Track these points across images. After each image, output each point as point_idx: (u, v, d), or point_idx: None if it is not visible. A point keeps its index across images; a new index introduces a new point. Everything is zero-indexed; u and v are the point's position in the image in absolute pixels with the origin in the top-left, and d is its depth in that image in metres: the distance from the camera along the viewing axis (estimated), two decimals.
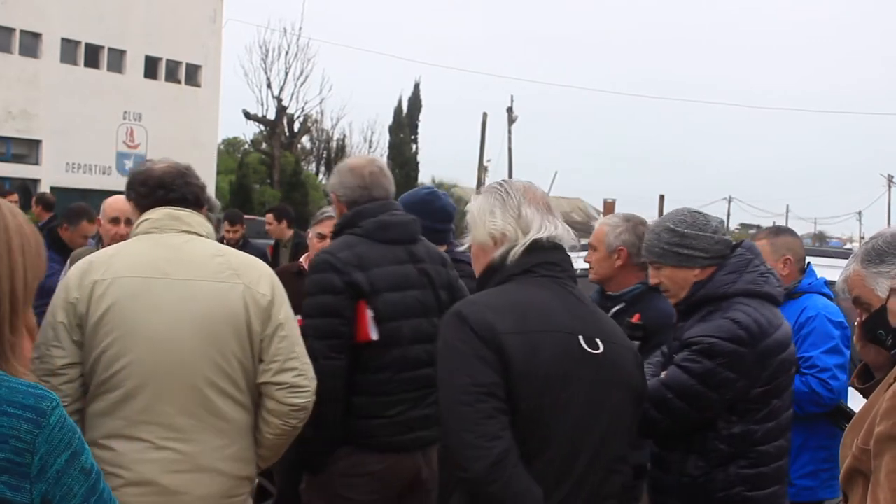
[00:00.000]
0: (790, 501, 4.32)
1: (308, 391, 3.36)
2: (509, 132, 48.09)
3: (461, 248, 3.00)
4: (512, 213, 2.86)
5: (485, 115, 46.26)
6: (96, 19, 32.58)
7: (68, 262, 6.21)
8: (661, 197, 51.53)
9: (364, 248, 3.89)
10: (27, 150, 32.10)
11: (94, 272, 3.23)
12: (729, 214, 66.66)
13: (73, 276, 3.26)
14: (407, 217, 4.09)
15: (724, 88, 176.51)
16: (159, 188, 3.44)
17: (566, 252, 2.90)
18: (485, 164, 45.90)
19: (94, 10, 32.43)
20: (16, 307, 2.00)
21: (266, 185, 40.86)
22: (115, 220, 5.66)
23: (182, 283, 3.26)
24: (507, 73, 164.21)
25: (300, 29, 58.58)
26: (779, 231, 4.88)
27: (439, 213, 4.70)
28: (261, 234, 21.97)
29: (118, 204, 5.60)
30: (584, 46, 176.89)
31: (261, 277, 3.38)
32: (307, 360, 3.40)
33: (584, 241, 4.72)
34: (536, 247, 2.83)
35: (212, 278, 3.30)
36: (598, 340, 2.75)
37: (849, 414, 4.27)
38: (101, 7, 32.63)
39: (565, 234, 2.89)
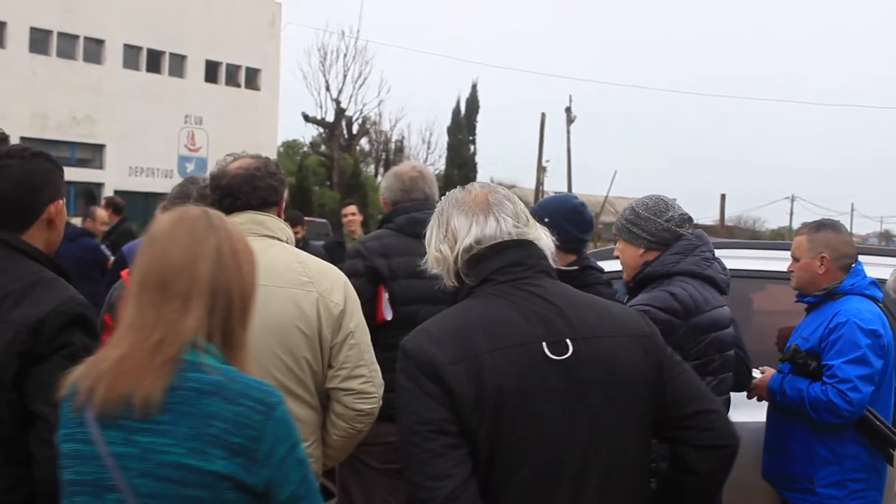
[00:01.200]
0: None
1: (374, 397, 3.45)
2: (568, 132, 47.87)
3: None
4: (442, 229, 2.69)
5: (543, 115, 46.08)
6: (157, 25, 33.03)
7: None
8: (723, 196, 51.13)
9: (392, 240, 4.39)
10: (91, 154, 32.63)
11: None
12: (792, 213, 65.52)
13: None
14: None
15: (788, 85, 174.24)
16: (227, 197, 3.54)
17: (533, 246, 2.65)
18: (543, 164, 45.69)
19: (154, 16, 32.88)
20: (246, 305, 2.31)
21: (325, 187, 41.11)
22: None
23: (261, 288, 3.24)
24: (566, 72, 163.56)
25: (358, 31, 59.06)
26: (820, 227, 4.58)
27: (586, 225, 4.71)
28: (320, 235, 22.16)
29: None
30: (644, 43, 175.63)
31: (334, 287, 3.46)
32: (375, 367, 3.48)
33: None
34: (480, 254, 2.61)
35: (287, 285, 3.38)
36: (567, 342, 2.50)
37: (876, 426, 4.17)
38: (161, 13, 33.07)
39: (510, 229, 2.63)
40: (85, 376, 2.22)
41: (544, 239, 2.70)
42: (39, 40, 31.14)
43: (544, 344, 2.48)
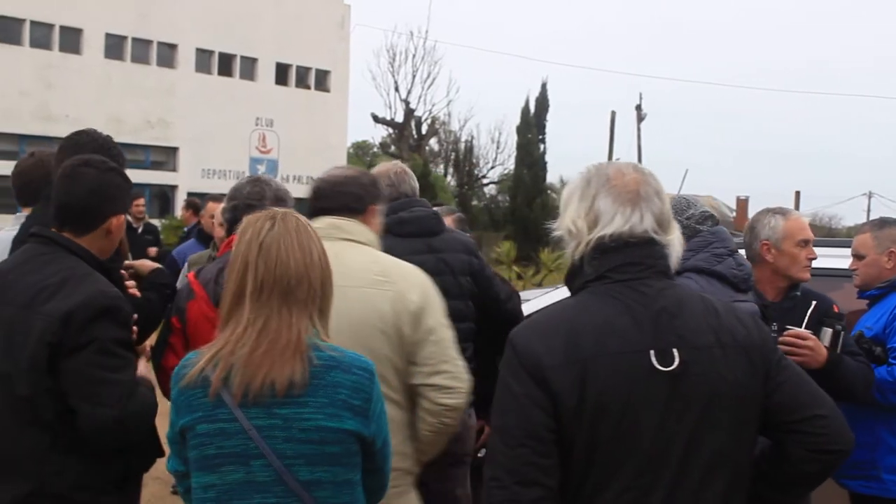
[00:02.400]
0: (881, 497, 4.35)
1: (460, 392, 3.49)
2: (638, 130, 47.45)
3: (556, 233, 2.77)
4: (585, 204, 2.57)
5: (613, 112, 45.73)
6: (228, 29, 33.42)
7: (185, 265, 6.34)
8: (797, 193, 50.21)
9: (388, 242, 4.16)
10: (165, 157, 33.11)
11: None
12: (869, 210, 64.05)
13: None
14: (425, 213, 4.51)
15: (865, 80, 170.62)
16: (314, 200, 3.74)
17: (657, 244, 2.55)
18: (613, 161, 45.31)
19: (225, 20, 33.27)
20: (330, 294, 2.77)
21: None
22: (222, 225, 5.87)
23: (338, 289, 3.34)
24: (636, 69, 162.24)
25: (427, 32, 59.24)
26: (884, 223, 4.67)
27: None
28: None
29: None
30: (716, 38, 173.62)
31: (412, 285, 3.54)
32: (459, 362, 3.53)
33: None
34: (605, 247, 2.52)
35: (365, 285, 3.47)
36: (674, 352, 2.42)
37: None
38: (232, 17, 33.45)
39: (651, 227, 2.54)
40: (209, 367, 2.61)
41: (676, 241, 2.61)
42: (114, 46, 31.67)
43: (652, 353, 2.41)
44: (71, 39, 30.70)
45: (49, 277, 3.18)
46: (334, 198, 3.67)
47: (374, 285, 3.48)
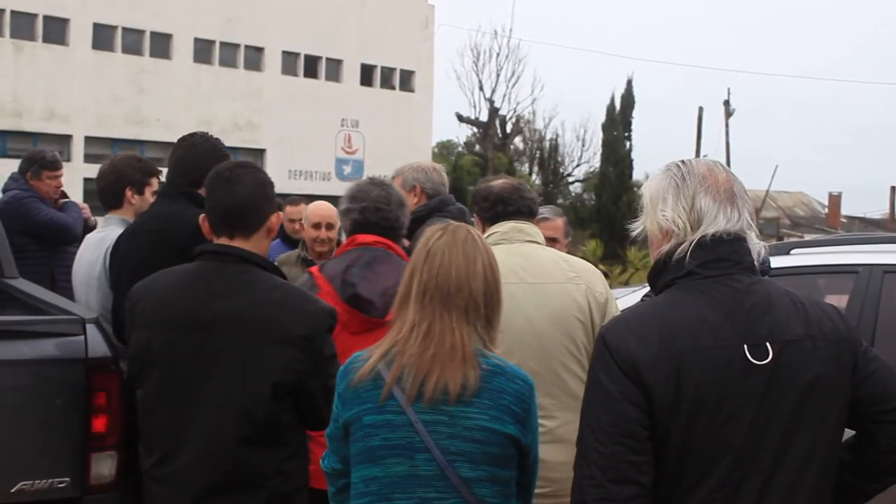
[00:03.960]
0: None
1: None
2: (726, 125, 46.66)
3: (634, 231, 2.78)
4: (685, 203, 2.52)
5: (700, 108, 45.04)
6: (313, 31, 33.75)
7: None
8: (893, 188, 48.89)
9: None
10: (252, 158, 33.53)
11: None
12: None
13: None
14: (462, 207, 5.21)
15: None
16: (499, 203, 4.07)
17: (743, 241, 2.53)
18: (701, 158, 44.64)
19: (311, 23, 33.61)
20: (498, 307, 2.87)
21: None
22: (316, 226, 6.28)
23: (536, 286, 3.90)
24: (723, 64, 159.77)
25: (510, 30, 59.28)
26: None
27: None
28: None
29: (321, 210, 6.06)
30: (807, 31, 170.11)
31: (596, 279, 4.00)
32: None
33: (807, 237, 4.64)
34: (702, 244, 2.49)
35: (560, 281, 3.91)
36: (767, 345, 2.41)
37: None
38: (317, 19, 33.77)
39: (745, 225, 2.54)
40: (381, 364, 2.75)
41: (755, 237, 2.59)
42: (203, 50, 32.24)
43: (745, 347, 2.40)
44: (161, 45, 31.34)
45: (265, 303, 3.27)
46: (518, 203, 4.09)
47: (568, 280, 3.92)
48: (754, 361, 2.39)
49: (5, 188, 7.07)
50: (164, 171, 4.67)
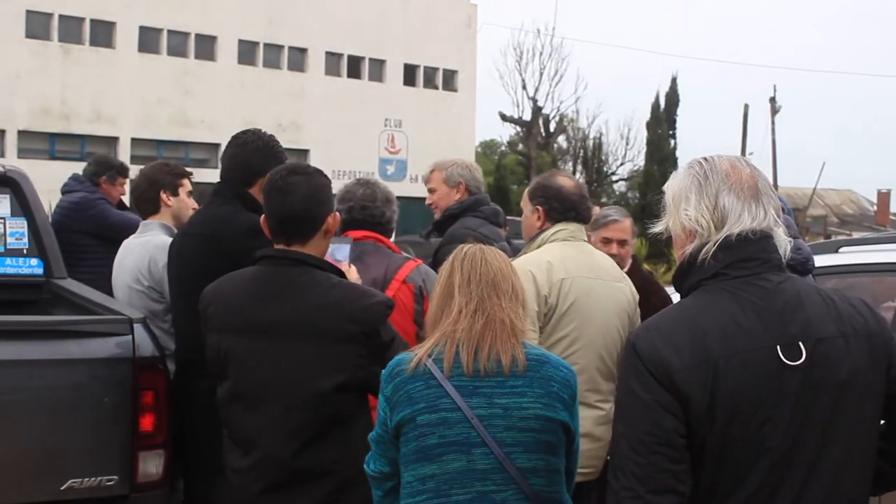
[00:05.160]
0: None
1: None
2: (772, 123, 46.20)
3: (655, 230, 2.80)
4: (708, 202, 2.48)
5: (746, 106, 44.64)
6: (356, 31, 33.82)
7: None
8: None
9: (487, 229, 5.16)
10: (296, 159, 33.47)
11: (558, 272, 4.10)
12: None
13: (540, 274, 4.07)
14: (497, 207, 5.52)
15: None
16: (571, 210, 4.31)
17: (772, 238, 2.47)
18: (747, 156, 44.18)
19: (353, 23, 33.67)
20: (525, 306, 3.05)
21: (523, 185, 41.04)
22: None
23: (604, 282, 4.26)
24: (769, 61, 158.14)
25: (553, 29, 58.99)
26: None
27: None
28: (519, 234, 22.07)
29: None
30: (855, 27, 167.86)
31: (628, 280, 4.43)
32: None
33: (856, 235, 4.61)
34: (727, 244, 2.43)
35: (615, 279, 4.32)
36: (800, 345, 2.36)
37: None
38: (360, 20, 33.83)
39: (771, 221, 2.47)
40: (428, 360, 2.85)
41: (782, 233, 2.52)
42: (247, 52, 32.43)
43: (779, 348, 2.34)
44: (206, 47, 31.58)
45: (324, 303, 3.34)
46: (584, 213, 4.37)
47: (620, 279, 4.35)
48: (788, 362, 2.34)
49: (67, 189, 7.14)
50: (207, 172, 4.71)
